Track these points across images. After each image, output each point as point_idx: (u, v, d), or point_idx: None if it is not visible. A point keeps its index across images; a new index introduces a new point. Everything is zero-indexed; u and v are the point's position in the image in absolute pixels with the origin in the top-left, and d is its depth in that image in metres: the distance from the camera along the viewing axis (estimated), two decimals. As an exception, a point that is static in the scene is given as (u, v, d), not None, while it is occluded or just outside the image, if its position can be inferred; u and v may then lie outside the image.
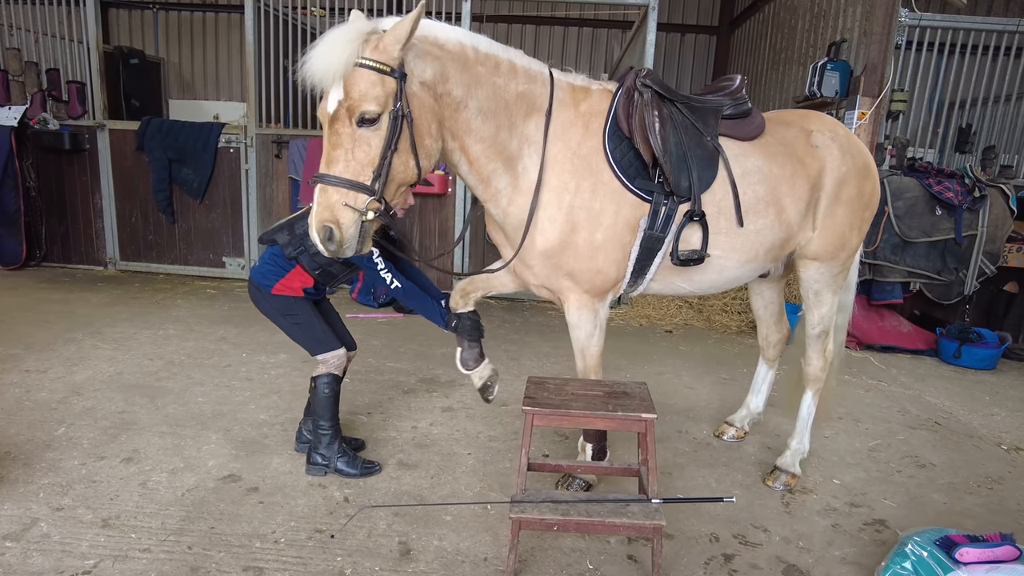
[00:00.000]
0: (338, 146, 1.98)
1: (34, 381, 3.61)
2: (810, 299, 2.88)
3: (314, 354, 2.77)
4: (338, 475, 2.72)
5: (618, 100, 2.38)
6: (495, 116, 2.22)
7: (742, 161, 2.50)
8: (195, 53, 10.57)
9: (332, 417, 2.75)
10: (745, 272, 2.65)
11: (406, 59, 1.99)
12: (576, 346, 2.58)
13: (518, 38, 10.17)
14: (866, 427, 3.57)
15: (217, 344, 4.42)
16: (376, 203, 2.01)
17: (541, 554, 2.29)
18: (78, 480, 2.63)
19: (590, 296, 2.46)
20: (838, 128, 2.75)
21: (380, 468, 2.81)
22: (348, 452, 2.78)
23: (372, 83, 1.92)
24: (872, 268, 5.18)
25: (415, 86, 2.03)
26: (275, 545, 2.28)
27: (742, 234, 2.50)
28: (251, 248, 6.28)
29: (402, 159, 2.03)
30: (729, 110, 2.53)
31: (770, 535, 2.46)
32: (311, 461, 2.76)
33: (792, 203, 2.58)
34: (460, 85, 2.12)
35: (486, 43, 2.23)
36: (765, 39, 7.72)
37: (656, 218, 2.35)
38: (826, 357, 2.93)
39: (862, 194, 2.73)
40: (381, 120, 1.97)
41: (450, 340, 4.71)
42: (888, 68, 5.06)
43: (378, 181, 1.99)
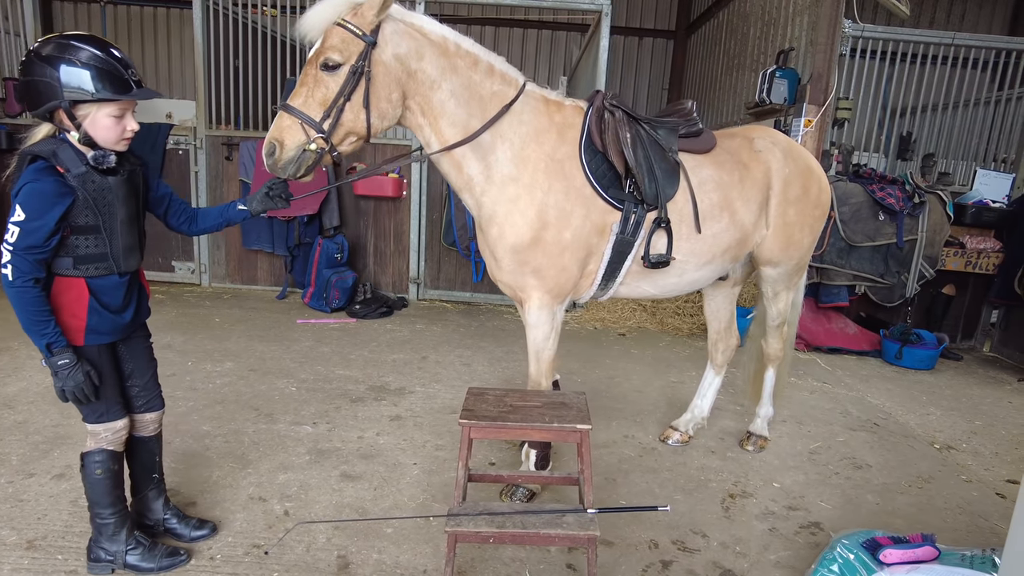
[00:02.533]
0: (304, 84, 2.21)
1: (-37, 393, 3.46)
2: (769, 296, 3.20)
3: (85, 419, 2.08)
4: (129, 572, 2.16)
5: (590, 117, 2.57)
6: (468, 105, 2.38)
7: (698, 172, 2.72)
8: (146, 49, 10.29)
9: (113, 502, 2.12)
10: (704, 274, 2.85)
11: (385, 32, 2.22)
12: (532, 348, 2.66)
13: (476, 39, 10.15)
14: (808, 429, 3.66)
15: (162, 352, 4.24)
16: (322, 141, 2.20)
17: (481, 565, 2.29)
18: (4, 499, 2.53)
19: (551, 296, 2.59)
20: (777, 136, 3.02)
21: (187, 557, 2.22)
22: (142, 540, 2.18)
23: (343, 39, 2.17)
24: (819, 271, 5.32)
25: (387, 55, 2.23)
26: (210, 562, 2.23)
27: (701, 239, 2.72)
28: (201, 252, 6.14)
29: (354, 110, 2.23)
30: (684, 129, 2.75)
31: (708, 540, 2.51)
32: (92, 557, 2.15)
33: (743, 205, 2.80)
34: (436, 67, 2.31)
35: (469, 43, 2.42)
36: (720, 45, 7.86)
37: (627, 224, 2.56)
38: (783, 339, 3.32)
39: (808, 193, 2.97)
40: (341, 70, 2.18)
41: (402, 346, 4.70)
42: (833, 77, 5.19)
43: (327, 121, 2.20)
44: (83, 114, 1.83)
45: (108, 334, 2.01)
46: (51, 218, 1.80)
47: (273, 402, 3.61)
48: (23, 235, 1.78)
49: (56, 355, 1.87)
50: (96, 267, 1.94)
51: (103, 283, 1.97)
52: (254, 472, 2.84)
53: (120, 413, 2.10)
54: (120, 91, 1.83)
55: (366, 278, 6.05)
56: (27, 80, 1.80)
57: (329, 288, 5.54)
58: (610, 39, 5.60)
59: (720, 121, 7.41)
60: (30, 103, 1.82)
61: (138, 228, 2.07)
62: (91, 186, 1.87)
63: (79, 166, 1.84)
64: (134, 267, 2.07)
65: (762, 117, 5.79)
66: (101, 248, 1.93)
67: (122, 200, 1.97)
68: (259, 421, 3.36)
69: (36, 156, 1.81)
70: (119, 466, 2.13)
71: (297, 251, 5.92)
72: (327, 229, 5.84)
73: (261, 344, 4.61)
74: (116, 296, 2.00)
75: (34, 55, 1.79)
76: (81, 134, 1.84)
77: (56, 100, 1.78)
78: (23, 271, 1.80)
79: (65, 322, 1.92)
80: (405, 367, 4.30)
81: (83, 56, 1.79)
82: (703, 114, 8.26)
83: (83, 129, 1.83)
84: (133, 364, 2.17)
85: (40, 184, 1.80)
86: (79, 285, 1.93)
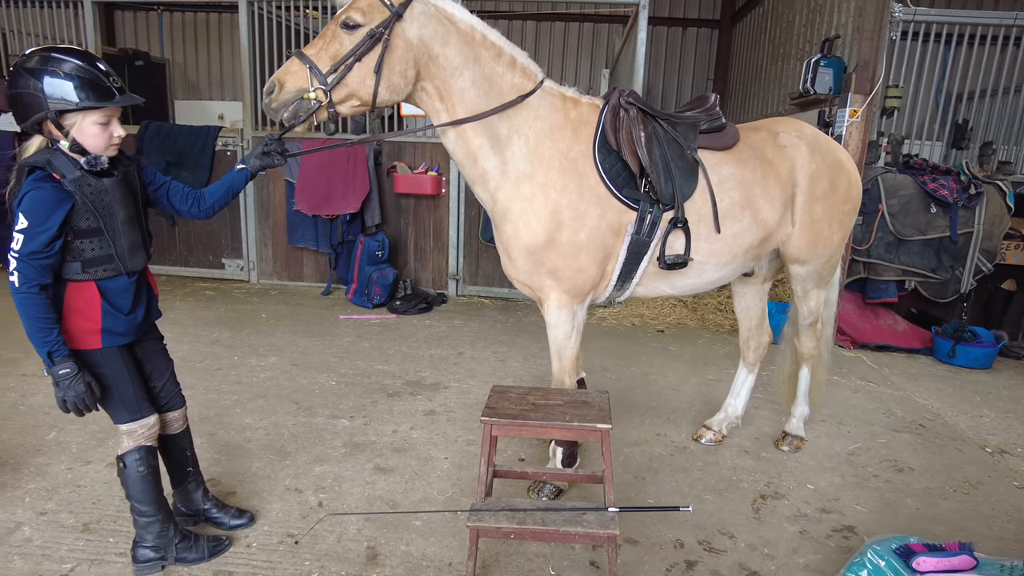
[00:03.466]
0: (323, 37, 2.25)
1: (30, 385, 3.70)
2: (799, 295, 3.12)
3: (115, 421, 2.15)
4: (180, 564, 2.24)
5: (605, 115, 2.54)
6: (488, 95, 2.39)
7: (718, 170, 2.65)
8: (199, 53, 10.67)
9: (156, 498, 2.19)
10: (725, 274, 2.80)
11: (414, 10, 2.25)
12: (553, 347, 2.66)
13: (518, 34, 10.15)
14: (848, 430, 3.56)
15: (210, 347, 4.50)
16: (322, 93, 2.21)
17: (505, 559, 2.33)
18: (63, 485, 2.71)
19: (570, 296, 2.57)
20: (804, 128, 2.90)
21: (229, 543, 2.35)
22: (187, 533, 2.29)
23: (369, 4, 2.22)
24: (866, 266, 5.15)
25: (411, 32, 2.26)
26: (247, 550, 2.34)
27: (721, 239, 2.65)
28: (249, 249, 6.36)
29: (361, 73, 2.24)
30: (705, 125, 2.68)
31: (736, 541, 2.48)
32: (139, 559, 2.20)
33: (766, 203, 2.71)
34: (460, 55, 2.34)
35: (495, 35, 2.44)
36: (765, 33, 7.65)
37: (643, 224, 2.51)
38: (817, 337, 3.24)
39: (836, 188, 2.86)
40: (359, 31, 2.21)
41: (439, 341, 4.77)
42: (880, 65, 5.00)
43: (332, 75, 2.21)
44: (70, 123, 1.88)
45: (123, 335, 2.08)
46: (53, 223, 1.86)
47: (313, 396, 3.74)
48: (27, 241, 1.84)
49: (57, 364, 1.91)
50: (104, 269, 2.00)
51: (113, 285, 2.03)
52: (292, 464, 2.95)
53: (150, 409, 2.19)
54: (102, 99, 1.88)
55: (406, 275, 6.16)
56: (13, 93, 1.86)
57: (371, 284, 5.67)
58: (653, 30, 5.58)
59: (765, 112, 7.23)
60: (18, 115, 1.88)
61: (140, 228, 2.11)
62: (88, 189, 1.92)
63: (74, 171, 1.89)
64: (140, 266, 2.12)
65: (806, 108, 5.62)
66: (106, 249, 1.98)
67: (120, 201, 2.01)
68: (299, 414, 3.48)
69: (33, 167, 1.88)
70: (156, 461, 2.21)
71: (340, 248, 6.07)
72: (369, 227, 5.97)
73: (305, 339, 4.76)
74: (126, 297, 2.07)
75: (19, 68, 1.84)
76: (71, 142, 1.89)
77: (42, 111, 1.84)
78: (29, 277, 1.86)
79: (80, 326, 1.99)
80: (441, 363, 4.37)
81: (66, 67, 1.83)
82: (748, 105, 8.07)
83: (71, 137, 1.89)
84: (151, 365, 2.27)
85: (39, 192, 1.86)
86: (90, 288, 1.99)
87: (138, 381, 2.16)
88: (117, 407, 2.11)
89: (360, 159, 5.72)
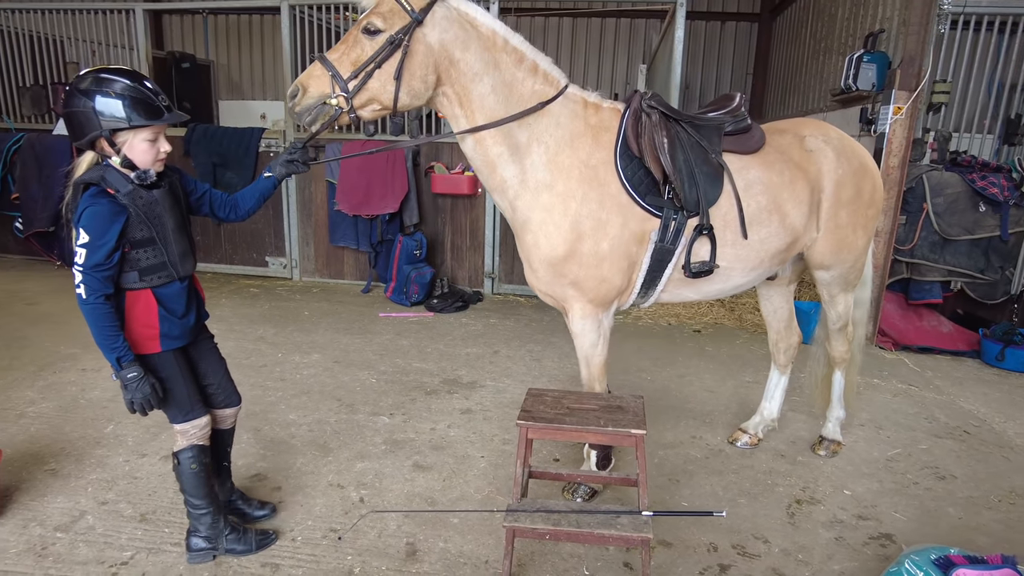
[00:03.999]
0: (345, 41, 2.28)
1: (89, 380, 3.90)
2: (826, 300, 3.11)
3: (171, 420, 2.28)
4: (229, 555, 2.35)
5: (627, 120, 2.50)
6: (507, 102, 2.38)
7: (744, 174, 2.61)
8: (242, 54, 10.95)
9: (207, 493, 2.32)
10: (751, 279, 2.79)
11: (435, 15, 2.25)
12: (580, 355, 2.67)
13: (555, 31, 10.15)
14: (888, 435, 3.51)
15: (255, 344, 4.66)
16: (343, 99, 2.24)
17: (540, 558, 2.39)
18: (122, 476, 2.86)
19: (594, 306, 2.55)
20: (830, 131, 2.87)
21: (276, 537, 2.46)
22: (236, 526, 2.40)
23: (391, 9, 2.22)
24: (909, 267, 5.04)
25: (432, 37, 2.26)
26: (292, 543, 2.45)
27: (747, 244, 2.62)
28: (292, 248, 6.53)
29: (382, 79, 2.26)
30: (730, 127, 2.63)
31: (770, 546, 2.49)
32: (193, 548, 2.32)
33: (795, 207, 2.68)
34: (480, 60, 2.33)
35: (518, 39, 2.42)
36: (806, 27, 7.50)
37: (667, 231, 2.48)
38: (848, 340, 3.20)
39: (861, 194, 2.84)
40: (379, 36, 2.22)
41: (475, 340, 4.84)
42: (927, 59, 4.87)
43: (353, 81, 2.23)
44: (121, 140, 1.99)
45: (179, 338, 2.20)
46: (112, 235, 1.97)
47: (354, 393, 3.85)
48: (90, 255, 1.95)
49: (125, 368, 2.03)
50: (159, 276, 2.11)
51: (167, 291, 2.15)
52: (334, 460, 3.05)
53: (203, 410, 2.30)
54: (152, 117, 1.99)
55: (443, 273, 6.25)
56: (69, 112, 1.97)
57: (409, 283, 5.78)
58: (691, 25, 5.50)
59: (806, 108, 7.10)
60: (74, 134, 1.99)
61: (187, 235, 2.22)
62: (140, 201, 2.03)
63: (126, 185, 2.00)
64: (190, 271, 2.24)
65: (848, 105, 5.51)
66: (160, 257, 2.10)
67: (168, 210, 2.13)
68: (341, 411, 3.59)
69: (88, 183, 1.99)
70: (208, 459, 2.32)
71: (380, 247, 6.20)
72: (407, 226, 6.08)
73: (346, 336, 4.89)
74: (180, 302, 2.19)
75: (74, 89, 1.96)
76: (121, 158, 2.00)
77: (96, 130, 1.95)
78: (94, 288, 1.97)
79: (140, 332, 2.11)
80: (477, 361, 4.45)
81: (117, 87, 1.94)
82: (788, 101, 7.93)
83: (123, 154, 2.00)
84: (205, 365, 2.38)
85: (97, 206, 1.96)
86: (146, 296, 2.11)
87: (191, 383, 2.28)
88: (172, 408, 2.23)
89: (399, 160, 5.83)
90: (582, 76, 10.31)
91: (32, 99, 6.93)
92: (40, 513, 2.58)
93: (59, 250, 6.75)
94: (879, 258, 4.98)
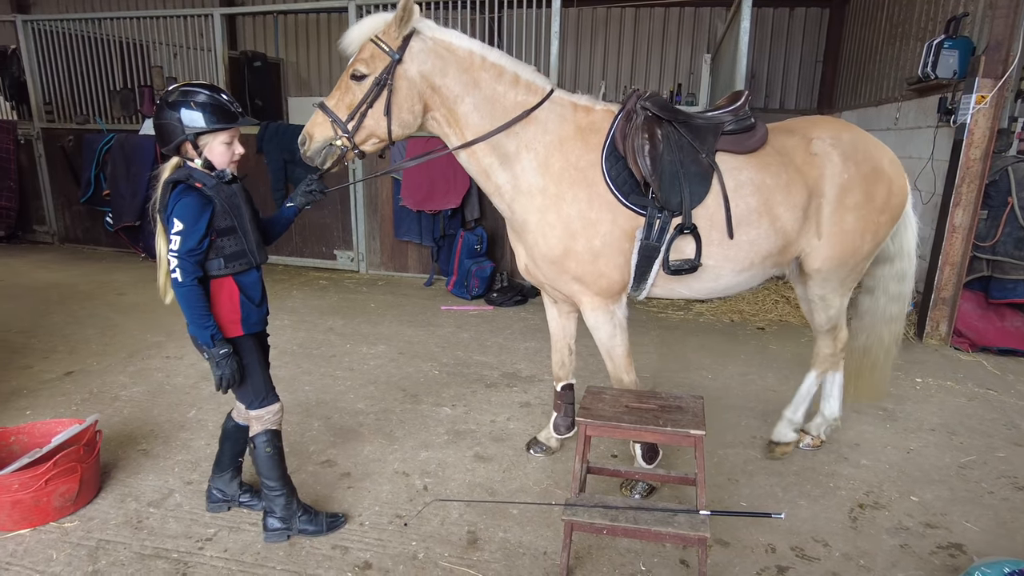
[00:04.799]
0: (339, 89, 2.48)
1: (173, 367, 4.18)
2: (816, 303, 2.99)
3: (248, 407, 2.44)
4: (302, 535, 2.50)
5: (618, 122, 2.59)
6: (491, 116, 2.52)
7: (736, 175, 2.61)
8: (310, 52, 11.32)
9: (281, 475, 2.47)
10: (743, 279, 2.77)
11: (412, 49, 2.42)
12: (601, 348, 2.76)
13: (616, 22, 10.04)
14: (961, 441, 3.38)
15: (325, 335, 4.87)
16: (346, 140, 2.46)
17: (597, 552, 2.44)
18: (204, 458, 3.07)
19: (602, 298, 2.65)
20: (842, 133, 2.77)
21: (345, 519, 2.60)
22: (308, 508, 2.55)
23: (372, 54, 2.42)
24: (991, 264, 4.80)
25: (412, 71, 2.44)
26: (360, 527, 2.58)
27: (735, 245, 2.63)
28: (359, 241, 6.76)
29: (375, 117, 2.46)
30: (731, 126, 2.65)
31: (830, 550, 2.47)
32: (269, 528, 2.47)
33: (787, 211, 2.65)
34: (459, 83, 2.48)
35: (496, 55, 2.55)
36: (882, 11, 7.18)
37: (651, 230, 2.56)
38: (836, 344, 3.12)
39: (872, 199, 2.73)
40: (366, 80, 2.42)
41: (533, 334, 4.92)
42: (1016, 44, 4.60)
43: (351, 123, 2.45)
44: (203, 143, 2.21)
45: (257, 324, 2.40)
46: (203, 223, 2.18)
47: (418, 384, 3.98)
48: (184, 241, 2.15)
49: (217, 345, 2.24)
50: (240, 263, 2.30)
51: (247, 279, 2.34)
52: (400, 448, 3.19)
53: (275, 396, 2.47)
54: (228, 121, 2.22)
55: (503, 267, 6.34)
56: (159, 123, 2.21)
57: (469, 277, 5.90)
58: (758, 11, 5.37)
59: (879, 97, 6.82)
60: (162, 140, 2.23)
61: (259, 227, 2.42)
62: (222, 194, 2.25)
63: (210, 180, 2.23)
64: (265, 260, 2.43)
65: (925, 94, 5.28)
66: (240, 245, 2.30)
67: (244, 203, 2.34)
68: (405, 401, 3.73)
69: (177, 181, 2.20)
70: (281, 443, 2.48)
71: (442, 242, 6.35)
72: (468, 222, 6.20)
73: (410, 329, 5.05)
74: (257, 290, 2.39)
75: (163, 103, 2.20)
76: (202, 160, 2.23)
77: (181, 135, 2.18)
78: (188, 271, 2.17)
79: (225, 317, 2.30)
80: (536, 355, 4.52)
81: (199, 98, 2.18)
82: (861, 90, 7.63)
83: (204, 156, 2.23)
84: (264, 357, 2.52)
85: (188, 199, 2.17)
86: (229, 283, 2.30)
87: (266, 369, 2.46)
88: (248, 393, 2.41)
89: (460, 155, 5.93)
90: (645, 67, 10.18)
91: (122, 102, 7.40)
92: (135, 489, 2.81)
93: (144, 243, 7.21)
94: (955, 255, 4.77)
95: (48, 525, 2.54)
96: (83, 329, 4.86)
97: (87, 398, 3.70)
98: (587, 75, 10.35)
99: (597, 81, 10.11)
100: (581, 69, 10.35)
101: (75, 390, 3.80)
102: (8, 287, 6.05)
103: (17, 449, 2.77)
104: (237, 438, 2.63)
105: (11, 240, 8.02)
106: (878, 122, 6.59)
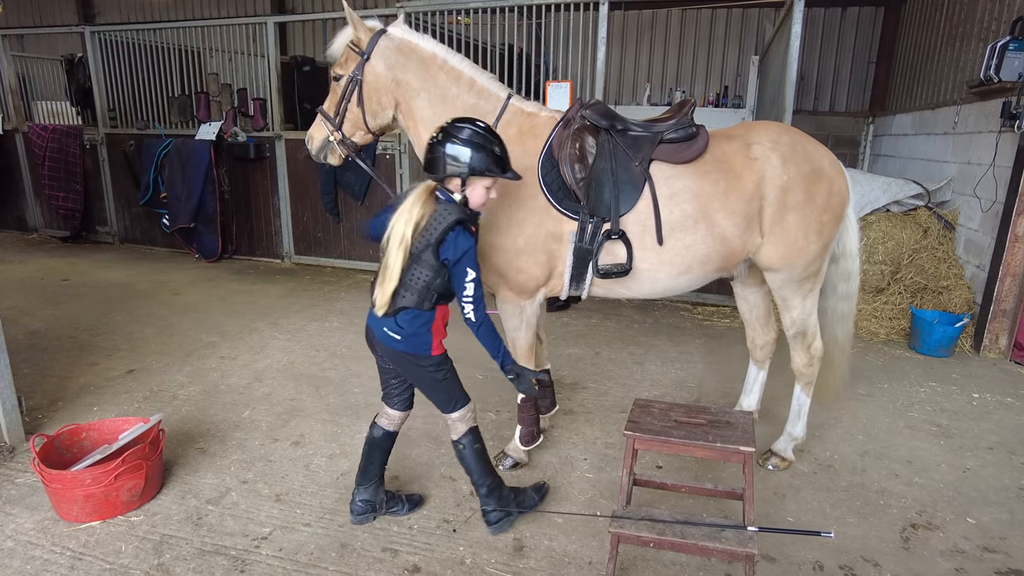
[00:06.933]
0: (330, 92, 2.88)
1: (227, 367, 4.33)
2: (779, 303, 3.06)
3: (446, 411, 2.59)
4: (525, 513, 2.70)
5: (558, 128, 2.76)
6: (443, 114, 2.67)
7: (671, 183, 2.72)
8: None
9: (491, 469, 2.63)
10: (683, 282, 2.88)
11: (379, 47, 2.75)
12: (507, 336, 2.94)
13: (663, 24, 9.95)
14: (1022, 461, 3.27)
15: (371, 337, 4.96)
16: (338, 134, 2.86)
17: (643, 564, 2.45)
18: (258, 458, 3.19)
19: (515, 293, 2.86)
20: (781, 137, 2.81)
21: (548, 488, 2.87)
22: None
23: (347, 57, 2.81)
24: (1055, 275, 4.61)
25: (379, 67, 2.77)
26: (409, 531, 2.65)
27: (671, 250, 2.74)
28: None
29: (353, 109, 2.83)
30: (672, 134, 2.74)
31: (880, 570, 2.42)
32: (492, 522, 2.61)
33: (726, 217, 2.73)
34: (417, 78, 2.78)
35: (458, 60, 2.82)
36: (940, 10, 6.94)
37: (584, 233, 2.71)
38: (811, 353, 3.09)
39: (813, 199, 2.77)
40: (343, 79, 2.81)
41: (576, 340, 4.92)
42: (1086, 46, 4.42)
43: (337, 118, 2.85)
44: (471, 183, 2.32)
45: None
46: (477, 267, 2.33)
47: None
48: (476, 288, 2.33)
49: (514, 364, 2.51)
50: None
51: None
52: (447, 453, 3.24)
53: (468, 398, 2.62)
54: (500, 170, 2.35)
55: (546, 271, 6.35)
56: (441, 153, 2.28)
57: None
58: (808, 12, 5.26)
59: (936, 100, 6.60)
60: (434, 169, 2.31)
61: None
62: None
63: (474, 220, 2.37)
64: None
65: (987, 97, 5.10)
66: None
67: None
68: (449, 406, 3.78)
69: (460, 221, 2.27)
70: (482, 439, 2.62)
71: (484, 245, 6.39)
72: (511, 225, 6.23)
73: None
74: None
75: (454, 136, 2.27)
76: (462, 197, 2.34)
77: (462, 172, 2.28)
78: (481, 311, 2.38)
79: (440, 336, 2.51)
80: (579, 362, 4.53)
81: (485, 145, 2.29)
82: (917, 92, 7.40)
83: (465, 193, 2.34)
84: None
85: (472, 248, 2.32)
86: (444, 307, 2.49)
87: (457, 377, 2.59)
88: (444, 398, 2.56)
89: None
90: (691, 69, 10.07)
91: (179, 107, 7.67)
92: (194, 487, 2.93)
93: (197, 243, 7.47)
94: (1017, 265, 4.61)
95: (116, 518, 2.68)
96: (142, 328, 5.07)
97: (148, 396, 3.86)
98: (632, 77, 10.28)
99: (642, 83, 10.05)
100: (626, 71, 10.29)
101: (137, 388, 3.97)
102: (75, 286, 6.35)
103: (88, 445, 2.93)
104: (387, 447, 2.70)
105: (76, 240, 8.40)
106: (935, 126, 6.39)
